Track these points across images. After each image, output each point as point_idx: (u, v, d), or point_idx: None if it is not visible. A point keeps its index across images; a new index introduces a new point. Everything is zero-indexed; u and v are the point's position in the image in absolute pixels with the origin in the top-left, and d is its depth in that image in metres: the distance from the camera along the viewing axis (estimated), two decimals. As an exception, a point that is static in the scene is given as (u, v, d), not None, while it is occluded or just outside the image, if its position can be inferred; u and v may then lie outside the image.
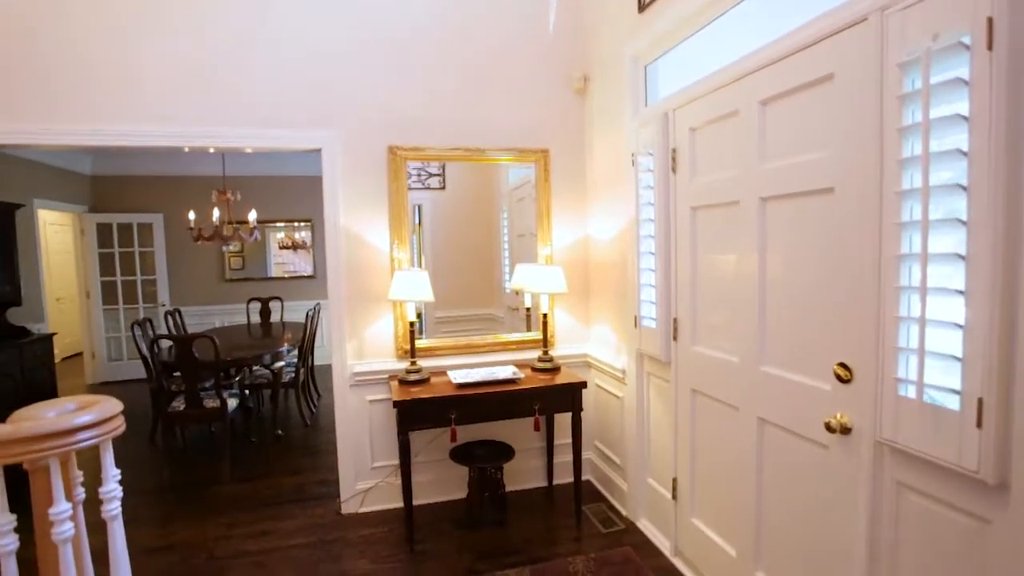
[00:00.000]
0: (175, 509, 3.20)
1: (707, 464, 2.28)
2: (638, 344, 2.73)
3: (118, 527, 1.31)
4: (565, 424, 3.25)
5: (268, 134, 2.88)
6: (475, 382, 2.76)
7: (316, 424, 4.67)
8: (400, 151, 3.02)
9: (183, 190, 6.53)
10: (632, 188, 2.68)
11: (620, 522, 2.90)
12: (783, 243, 1.78)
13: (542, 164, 3.24)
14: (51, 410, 1.24)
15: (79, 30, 2.65)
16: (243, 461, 3.90)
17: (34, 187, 5.47)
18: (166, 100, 2.76)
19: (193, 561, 2.64)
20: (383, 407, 3.08)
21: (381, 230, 3.04)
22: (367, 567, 2.56)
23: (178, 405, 3.77)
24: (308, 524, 2.96)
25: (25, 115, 2.62)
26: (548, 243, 3.27)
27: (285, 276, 7.06)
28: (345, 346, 3.01)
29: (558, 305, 3.33)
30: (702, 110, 2.16)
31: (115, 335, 6.54)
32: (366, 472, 3.09)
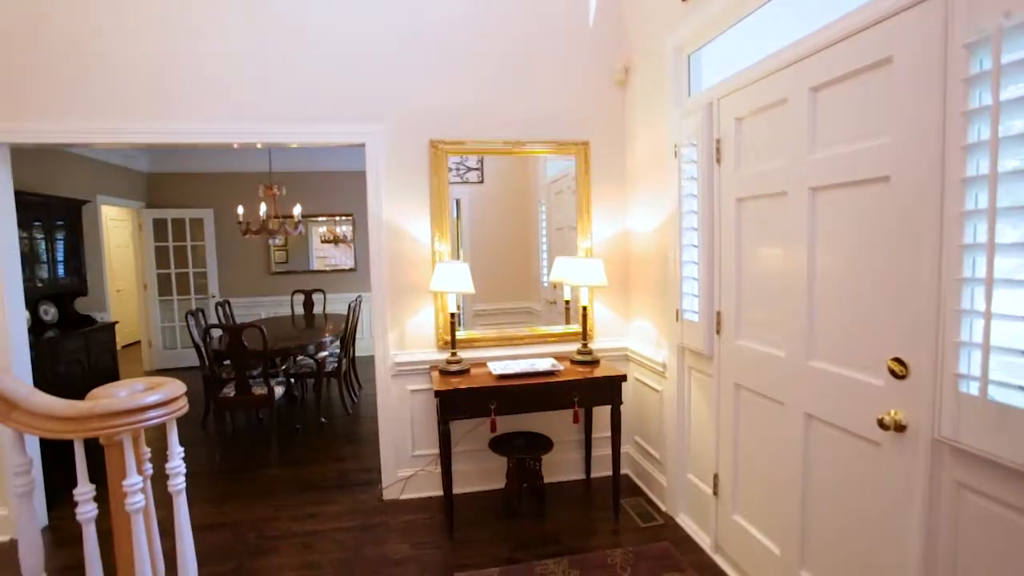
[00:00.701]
0: (227, 490, 3.35)
1: (750, 460, 2.24)
2: (679, 338, 2.69)
3: (182, 501, 1.39)
4: (604, 418, 3.24)
5: (313, 130, 2.96)
6: (515, 373, 2.78)
7: (357, 413, 4.80)
8: (441, 145, 3.06)
9: (232, 186, 6.78)
10: (674, 180, 2.65)
11: (659, 517, 2.88)
12: (833, 234, 1.73)
13: (582, 156, 3.23)
14: (123, 389, 1.33)
15: (138, 32, 2.78)
16: (289, 447, 4.04)
17: (97, 184, 5.78)
18: (216, 99, 2.88)
19: (245, 539, 2.77)
20: (424, 397, 3.15)
21: (422, 223, 3.09)
22: (408, 552, 2.63)
23: (228, 392, 3.94)
24: (351, 509, 3.06)
25: (88, 115, 2.77)
26: (588, 236, 3.26)
27: (327, 269, 7.25)
28: (387, 336, 3.08)
29: (597, 298, 3.32)
30: (748, 99, 2.11)
31: (169, 324, 6.87)
32: (407, 460, 3.16)
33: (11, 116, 2.71)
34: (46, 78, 2.73)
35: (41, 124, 2.73)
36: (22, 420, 1.17)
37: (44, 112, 2.73)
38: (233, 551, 2.66)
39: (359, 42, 2.97)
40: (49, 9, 2.70)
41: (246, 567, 2.53)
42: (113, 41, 2.76)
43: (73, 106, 2.76)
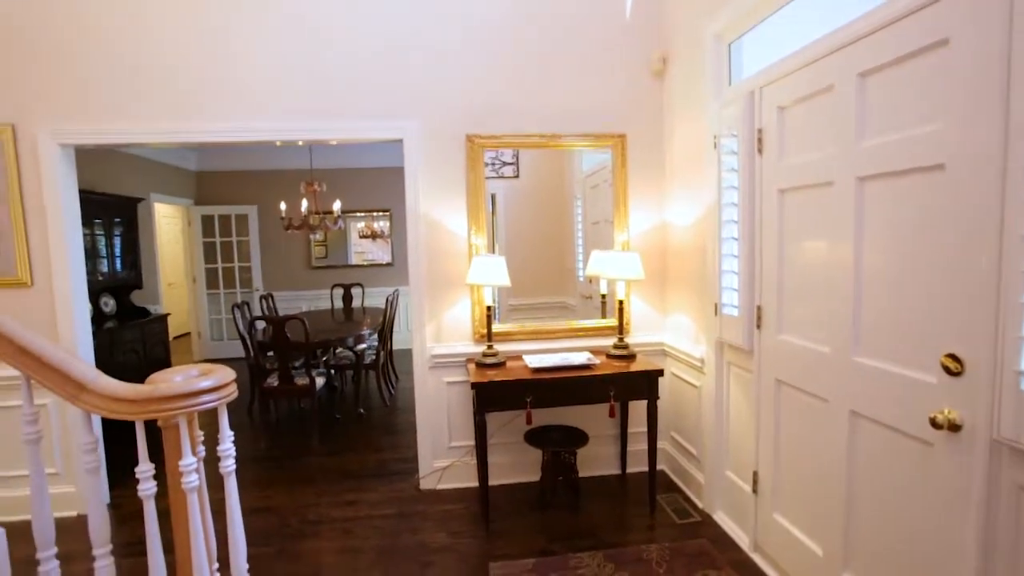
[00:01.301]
0: (270, 476, 3.48)
1: (792, 457, 2.19)
2: (718, 333, 2.64)
3: (232, 482, 1.45)
4: (639, 413, 3.22)
5: (352, 126, 3.03)
6: (551, 367, 2.79)
7: (395, 405, 4.90)
8: (477, 139, 3.08)
9: (275, 183, 7.00)
10: (714, 172, 2.59)
11: (696, 514, 2.84)
12: (882, 224, 1.67)
13: (619, 149, 3.20)
14: (179, 375, 1.39)
15: (190, 39, 2.90)
16: (329, 436, 4.16)
17: (151, 183, 6.06)
18: (258, 99, 2.97)
19: (288, 523, 2.87)
20: (460, 389, 3.19)
21: (459, 217, 3.12)
22: (445, 541, 2.67)
23: (272, 381, 4.08)
24: (389, 497, 3.13)
25: (144, 117, 2.91)
26: (625, 229, 3.23)
27: (364, 264, 7.41)
28: (424, 329, 3.13)
29: (634, 292, 3.29)
30: (792, 87, 2.05)
31: (217, 317, 7.15)
32: (443, 451, 3.22)
33: (77, 120, 2.87)
34: (107, 84, 2.87)
35: (103, 126, 2.89)
36: (90, 401, 1.24)
37: (105, 115, 2.89)
38: (277, 534, 2.77)
39: (396, 39, 3.01)
40: (109, 21, 2.84)
41: (289, 550, 2.63)
42: (168, 48, 2.89)
43: (131, 109, 2.90)
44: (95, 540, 1.31)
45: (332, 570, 2.46)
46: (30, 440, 1.30)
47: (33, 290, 2.91)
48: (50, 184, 2.87)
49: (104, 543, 1.32)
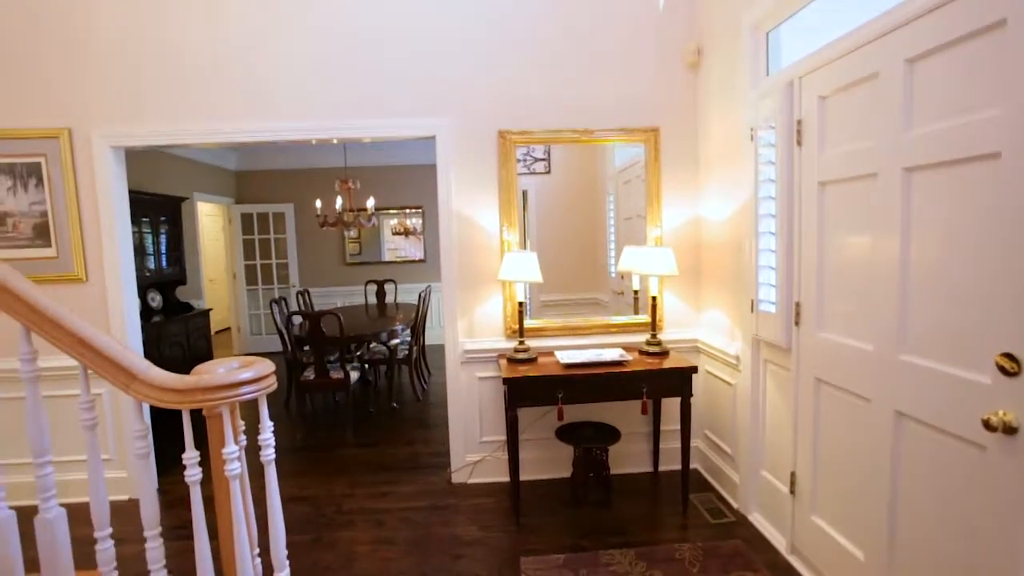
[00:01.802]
0: (307, 467, 3.58)
1: (831, 458, 2.12)
2: (754, 329, 2.58)
3: (272, 471, 1.50)
4: (672, 410, 3.18)
5: (385, 124, 3.07)
6: (582, 363, 2.77)
7: (427, 399, 4.96)
8: (509, 135, 3.08)
9: (310, 181, 7.16)
10: (750, 165, 2.53)
11: (730, 514, 2.79)
12: (931, 217, 1.60)
13: (652, 143, 3.15)
14: (221, 367, 1.45)
15: (230, 43, 2.99)
16: (363, 429, 4.25)
17: (194, 182, 6.28)
18: (294, 100, 3.04)
19: (324, 512, 2.95)
20: (492, 384, 3.21)
21: (491, 213, 3.13)
22: (476, 534, 2.70)
23: (308, 375, 4.19)
24: (422, 490, 3.17)
25: (188, 118, 3.02)
26: (658, 224, 3.18)
27: (397, 260, 7.51)
28: (457, 324, 3.16)
29: (667, 288, 3.24)
30: (833, 75, 1.98)
31: (255, 312, 7.37)
32: (475, 446, 3.24)
33: (127, 123, 3.00)
34: (154, 89, 2.99)
35: (150, 128, 3.01)
36: (141, 390, 1.30)
37: (153, 118, 3.01)
38: (314, 523, 2.84)
39: (427, 39, 3.04)
40: (157, 31, 2.96)
41: (326, 538, 2.70)
42: (210, 55, 2.99)
43: (175, 112, 3.01)
44: (146, 522, 1.37)
45: (366, 560, 2.52)
46: (87, 426, 1.37)
47: (87, 285, 3.06)
48: (103, 184, 3.01)
49: (154, 525, 1.38)
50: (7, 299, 1.30)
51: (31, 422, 1.37)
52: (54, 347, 1.31)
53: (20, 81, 2.96)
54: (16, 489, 2.66)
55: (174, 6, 2.96)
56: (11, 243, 3.05)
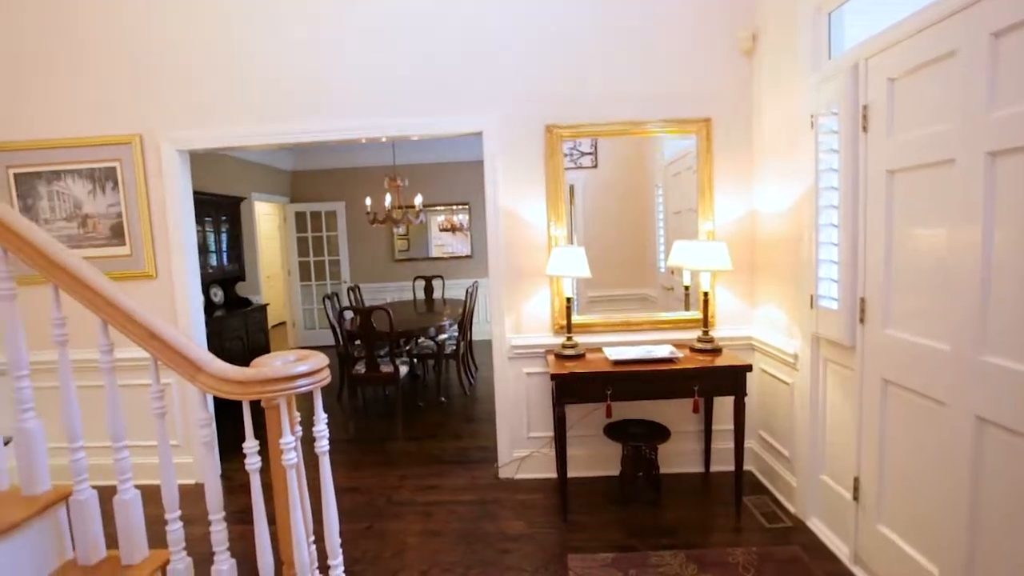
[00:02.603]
0: (359, 458, 3.68)
1: (900, 464, 2.00)
2: (814, 327, 2.46)
3: (326, 462, 1.54)
4: (725, 409, 3.08)
5: (432, 121, 3.10)
6: (631, 359, 2.73)
7: (474, 394, 5.01)
8: (556, 129, 3.05)
9: (360, 180, 7.35)
10: (810, 154, 2.41)
11: (786, 519, 2.68)
12: (1016, 205, 1.47)
13: (704, 134, 3.05)
14: (278, 360, 1.50)
15: (289, 49, 3.09)
16: (412, 422, 4.33)
17: (251, 183, 6.56)
18: (345, 100, 3.11)
19: (375, 503, 3.02)
20: (539, 380, 3.20)
21: (538, 208, 3.12)
22: (523, 530, 2.70)
23: (360, 369, 4.30)
24: (469, 484, 3.21)
25: (246, 121, 3.14)
26: (710, 218, 3.08)
27: (444, 256, 7.61)
28: (504, 320, 3.17)
29: (720, 284, 3.14)
30: (904, 55, 1.85)
31: (309, 307, 7.64)
32: (522, 441, 3.25)
33: (191, 127, 3.16)
34: (214, 94, 3.14)
35: (212, 132, 3.15)
36: (205, 381, 1.37)
37: (214, 123, 3.15)
38: (366, 513, 2.92)
39: (473, 35, 3.05)
40: (216, 43, 3.09)
41: (377, 528, 2.77)
42: (267, 62, 3.10)
43: (234, 116, 3.14)
44: (211, 507, 1.44)
45: (415, 550, 2.57)
46: (157, 414, 1.45)
47: (157, 281, 3.25)
48: (170, 186, 3.18)
49: (218, 510, 1.45)
50: (88, 295, 1.39)
51: (110, 409, 1.47)
52: (128, 340, 1.39)
53: (99, 91, 3.16)
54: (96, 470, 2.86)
55: (235, 17, 3.08)
56: (91, 242, 3.27)
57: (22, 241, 1.40)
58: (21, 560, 1.44)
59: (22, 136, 3.21)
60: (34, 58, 3.16)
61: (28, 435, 1.49)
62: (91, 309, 1.38)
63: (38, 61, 3.16)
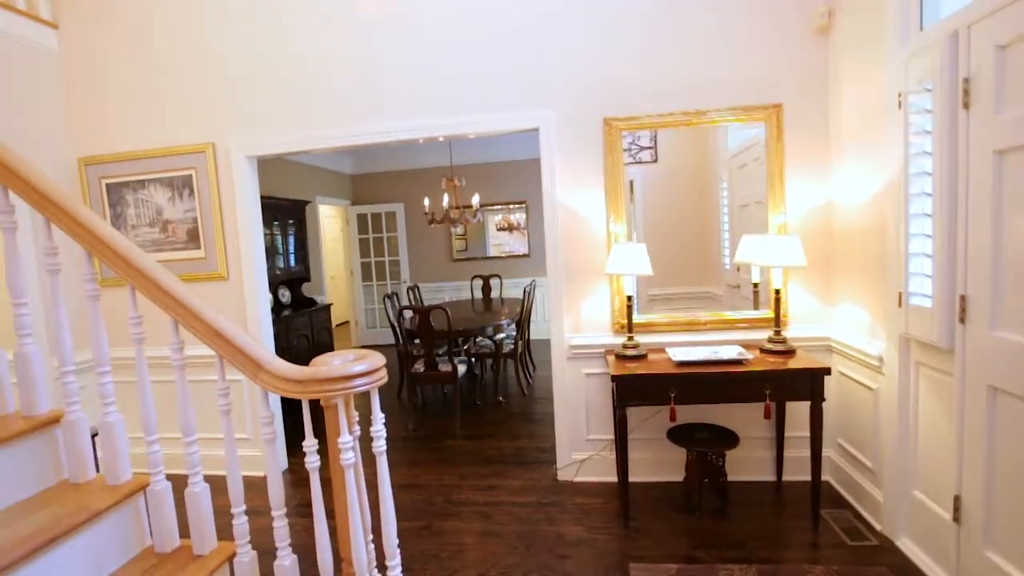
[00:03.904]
0: (418, 456, 3.72)
1: (1012, 483, 1.77)
2: (903, 327, 2.24)
3: (383, 462, 1.54)
4: (797, 415, 2.89)
5: (488, 119, 3.07)
6: (697, 360, 2.59)
7: (532, 394, 4.96)
8: (614, 122, 2.95)
9: (418, 181, 7.47)
10: (898, 137, 2.19)
11: (871, 536, 2.46)
12: None
13: (774, 121, 2.86)
14: (337, 359, 1.51)
15: (338, 53, 3.16)
16: (470, 421, 4.34)
17: (315, 187, 6.81)
18: (401, 101, 3.14)
19: (434, 501, 3.04)
20: (599, 381, 3.11)
21: (597, 204, 3.03)
22: (582, 535, 2.63)
23: (419, 367, 4.35)
24: (527, 485, 3.16)
25: (308, 126, 3.24)
26: (781, 211, 2.89)
27: (502, 255, 7.62)
28: (563, 319, 3.10)
29: (793, 280, 2.94)
30: (1018, 17, 1.63)
31: (370, 307, 7.85)
32: (581, 443, 3.17)
33: (258, 135, 3.29)
34: (279, 102, 3.25)
35: (278, 138, 3.27)
36: (266, 380, 1.39)
37: (278, 129, 3.27)
38: (425, 511, 2.93)
39: (527, 29, 2.99)
40: (280, 56, 3.21)
41: (435, 527, 2.77)
42: (324, 65, 3.18)
43: (297, 121, 3.25)
44: (273, 503, 1.47)
45: (473, 551, 2.55)
46: (223, 411, 1.49)
47: (228, 282, 3.41)
48: (240, 190, 3.33)
49: (280, 506, 1.47)
50: (159, 294, 1.45)
51: (181, 405, 1.52)
52: (197, 339, 1.44)
53: (175, 104, 3.35)
54: (168, 460, 3.03)
55: (295, 27, 3.18)
56: (172, 246, 3.47)
57: (104, 246, 1.47)
58: (108, 544, 1.52)
59: (110, 150, 3.45)
60: (118, 77, 3.39)
61: (111, 428, 1.58)
62: (162, 308, 1.44)
63: (122, 79, 3.39)
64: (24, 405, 1.59)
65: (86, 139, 3.48)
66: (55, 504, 1.47)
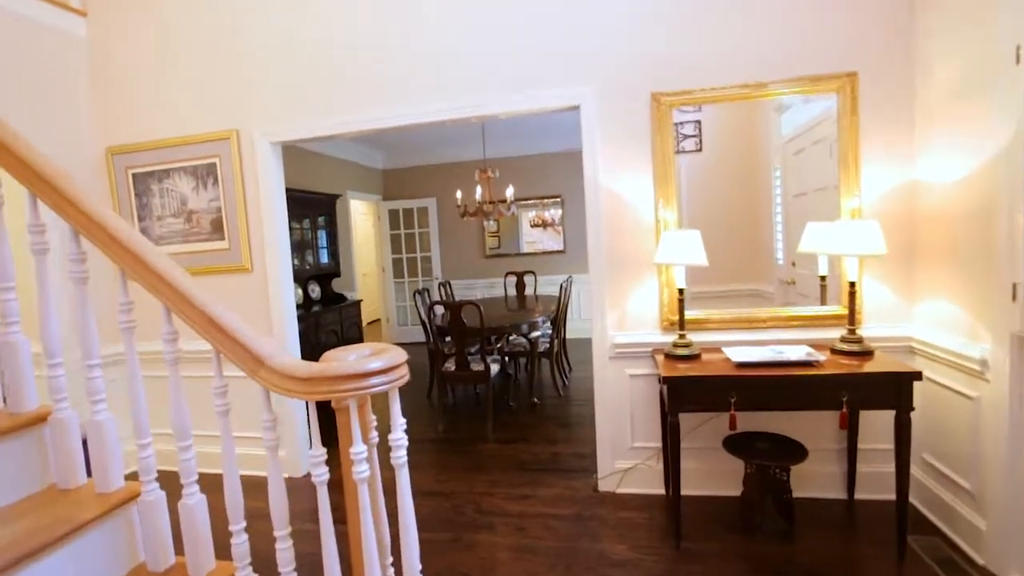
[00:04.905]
0: (448, 460, 3.50)
1: None
2: (1016, 325, 1.89)
3: (404, 474, 1.32)
4: (873, 424, 2.55)
5: (523, 97, 2.82)
6: (760, 362, 2.29)
7: (568, 395, 4.69)
8: (664, 98, 2.67)
9: (450, 175, 7.29)
10: (1013, 99, 1.85)
11: (971, 569, 2.11)
12: None
13: (847, 92, 2.52)
14: (352, 353, 1.29)
15: (361, 35, 2.97)
16: (503, 423, 4.10)
17: (346, 182, 6.71)
18: (428, 82, 2.92)
19: (463, 511, 2.81)
20: (645, 383, 2.83)
21: (644, 188, 2.75)
22: (628, 554, 2.36)
23: (450, 366, 4.14)
24: (565, 495, 2.90)
25: (331, 112, 3.06)
26: (854, 193, 2.55)
27: (535, 252, 7.37)
28: (605, 316, 2.83)
29: (866, 273, 2.59)
30: None
31: (402, 304, 7.72)
32: (624, 451, 2.89)
33: (281, 121, 3.13)
34: (302, 87, 3.09)
35: (302, 124, 3.11)
36: (267, 377, 1.19)
37: (302, 114, 3.11)
38: (453, 522, 2.71)
39: None
40: (302, 43, 3.04)
41: (465, 539, 2.54)
42: (347, 48, 3.00)
43: (321, 107, 3.08)
44: (276, 522, 1.26)
45: (506, 568, 2.31)
46: (220, 412, 1.29)
47: (252, 275, 3.27)
48: (264, 179, 3.18)
49: (283, 526, 1.27)
50: (143, 273, 1.26)
51: (174, 404, 1.33)
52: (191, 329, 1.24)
53: (199, 91, 3.23)
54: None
55: (319, 8, 3.01)
56: (196, 236, 3.36)
57: (91, 222, 1.29)
58: (94, 560, 1.34)
59: (137, 139, 3.36)
60: (145, 65, 3.30)
61: (100, 428, 1.40)
62: (149, 290, 1.25)
63: (149, 67, 3.29)
64: (9, 401, 1.43)
65: (113, 128, 3.40)
66: (35, 514, 1.30)
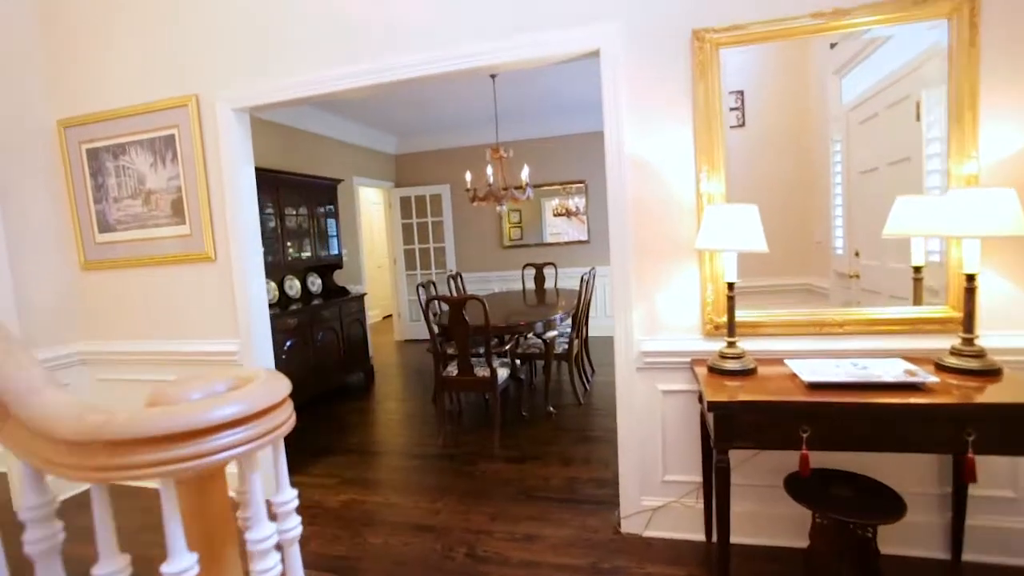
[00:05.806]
0: (444, 481, 2.98)
1: None
2: None
3: (295, 553, 0.79)
4: (990, 463, 1.92)
5: (532, 40, 2.25)
6: (840, 383, 1.69)
7: (590, 404, 4.11)
8: (710, 35, 2.07)
9: (465, 160, 6.76)
10: None
11: None
12: None
13: (964, 16, 1.88)
14: (198, 391, 0.77)
15: (348, -39, 2.45)
16: (512, 436, 3.57)
17: (353, 167, 6.24)
18: (421, 24, 2.38)
19: (453, 553, 2.29)
20: (682, 401, 2.24)
21: (681, 155, 2.16)
22: (659, 629, 1.80)
23: (451, 371, 3.62)
24: (580, 537, 2.35)
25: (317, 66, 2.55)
26: (971, 154, 1.90)
27: (559, 243, 6.79)
28: (631, 314, 2.25)
29: (984, 263, 1.95)
30: None
31: (413, 298, 7.23)
32: (654, 485, 2.32)
33: (247, 86, 2.65)
34: (271, 45, 2.59)
35: (271, 83, 2.61)
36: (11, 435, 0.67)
37: (271, 75, 2.61)
38: (438, 567, 2.19)
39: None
40: (270, -44, 2.54)
41: (453, 596, 2.02)
42: None
43: (297, 63, 2.57)
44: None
45: (501, 644, 1.78)
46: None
47: (216, 264, 2.80)
48: (227, 153, 2.70)
49: None
50: None
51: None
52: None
53: (152, 54, 2.78)
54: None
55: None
56: (155, 221, 2.91)
57: None
58: None
59: (89, 110, 2.93)
60: (94, 25, 2.86)
61: None
62: None
63: (99, 28, 2.85)
64: None
65: (67, 99, 2.98)
66: None
